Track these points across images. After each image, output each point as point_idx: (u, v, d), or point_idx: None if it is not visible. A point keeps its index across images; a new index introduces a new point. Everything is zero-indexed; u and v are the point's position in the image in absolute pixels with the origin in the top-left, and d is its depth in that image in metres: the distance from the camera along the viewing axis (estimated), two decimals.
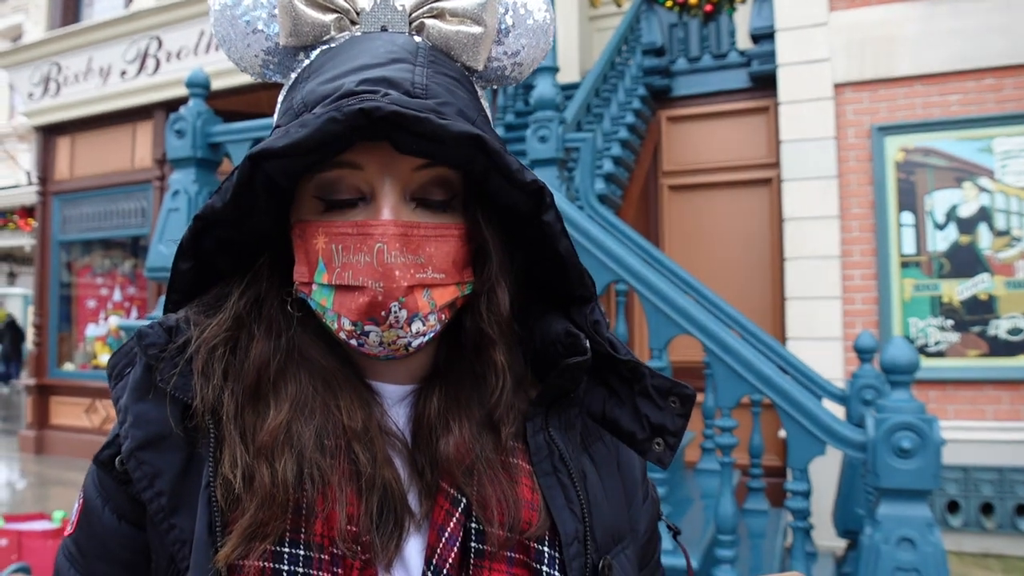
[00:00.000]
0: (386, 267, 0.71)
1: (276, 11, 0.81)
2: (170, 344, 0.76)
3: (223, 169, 4.14)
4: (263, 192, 0.73)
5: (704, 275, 6.14)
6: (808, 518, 3.10)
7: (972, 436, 5.78)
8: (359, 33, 0.80)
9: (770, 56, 6.91)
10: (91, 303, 10.44)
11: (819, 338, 6.21)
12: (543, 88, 4.64)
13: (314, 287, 0.75)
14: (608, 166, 6.13)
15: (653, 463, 0.85)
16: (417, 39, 0.80)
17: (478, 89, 0.85)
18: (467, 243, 0.78)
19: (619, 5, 7.62)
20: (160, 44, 9.24)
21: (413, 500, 0.76)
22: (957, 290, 6.02)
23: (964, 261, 6.03)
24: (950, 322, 6.01)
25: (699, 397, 4.97)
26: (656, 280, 3.25)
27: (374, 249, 0.71)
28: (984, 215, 6.01)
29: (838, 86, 6.42)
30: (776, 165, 6.93)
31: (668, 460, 0.84)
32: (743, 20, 7.68)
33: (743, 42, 7.67)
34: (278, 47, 0.83)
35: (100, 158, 10.14)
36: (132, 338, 0.78)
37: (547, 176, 4.36)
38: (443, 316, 0.76)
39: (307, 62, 0.81)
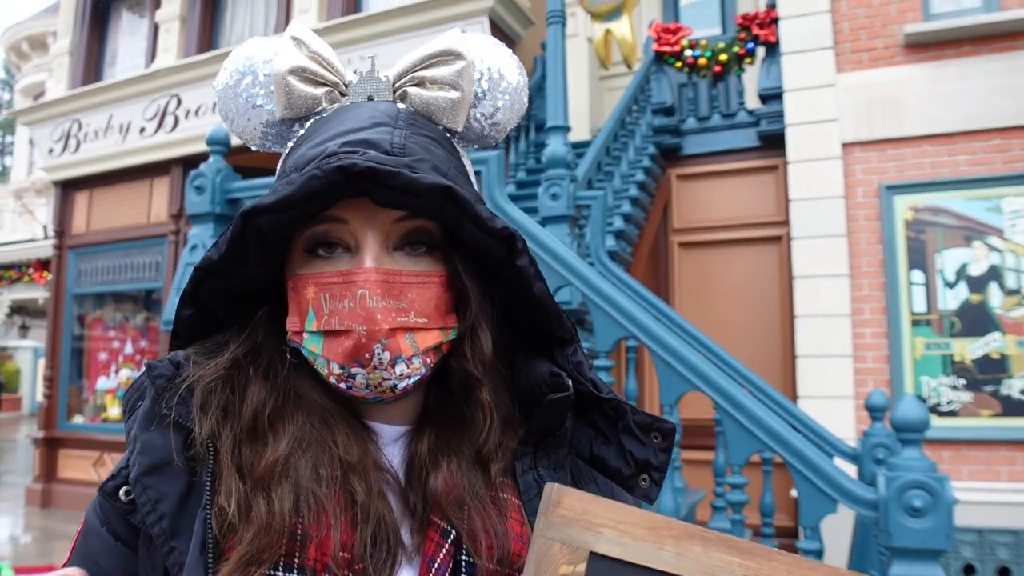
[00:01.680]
0: (368, 311, 0.76)
1: (271, 88, 0.89)
2: (176, 377, 0.81)
3: None
4: (254, 245, 0.79)
5: (714, 332, 6.14)
6: None
7: (987, 498, 5.70)
8: (347, 103, 0.88)
9: (778, 116, 7.00)
10: (102, 356, 10.47)
11: (830, 396, 6.18)
12: (555, 146, 4.71)
13: (305, 335, 0.80)
14: (618, 223, 6.18)
15: (641, 499, 0.88)
16: (400, 105, 0.88)
17: (460, 149, 0.93)
18: (448, 290, 0.83)
19: (629, 66, 7.75)
20: (179, 102, 9.42)
21: (405, 534, 0.79)
22: (969, 349, 6.00)
23: (975, 320, 6.02)
24: (962, 381, 5.98)
25: (709, 455, 4.95)
26: (667, 337, 3.27)
27: (357, 295, 0.76)
28: (994, 274, 6.01)
29: (846, 145, 6.49)
30: (786, 223, 6.97)
31: (655, 496, 0.89)
32: (751, 80, 7.80)
33: (752, 102, 7.78)
34: (275, 120, 0.90)
35: (117, 213, 10.27)
36: (141, 374, 0.83)
37: (558, 233, 4.41)
38: (428, 360, 0.81)
39: (301, 131, 0.88)
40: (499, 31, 8.16)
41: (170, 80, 9.46)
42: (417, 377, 0.81)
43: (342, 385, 0.80)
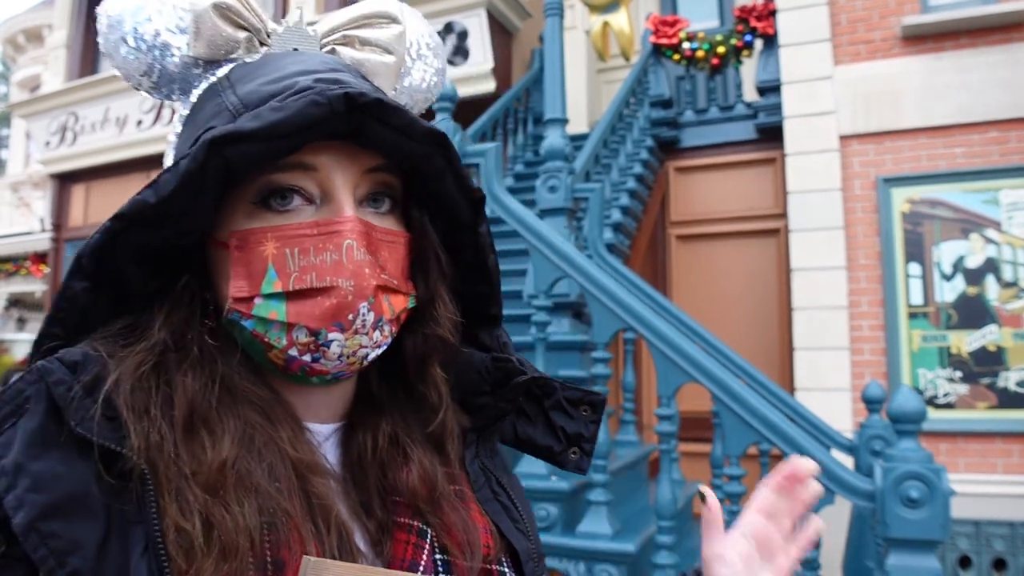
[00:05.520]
0: (356, 264, 0.66)
1: (183, 23, 0.76)
2: (75, 383, 0.61)
3: None
4: (214, 184, 0.65)
5: (712, 325, 6.15)
6: (818, 569, 3.08)
7: (983, 490, 5.72)
8: (267, 52, 0.78)
9: (776, 108, 7.00)
10: None
11: (827, 388, 6.20)
12: (553, 139, 4.71)
13: (258, 301, 0.67)
14: (616, 216, 6.18)
15: (573, 471, 0.87)
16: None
17: None
18: (409, 253, 0.75)
19: (627, 59, 7.74)
20: None
21: (359, 540, 0.69)
22: (965, 341, 6.01)
23: (972, 312, 6.03)
24: (959, 373, 5.99)
25: (706, 447, 4.97)
26: (665, 328, 3.28)
27: (343, 246, 0.66)
28: (991, 266, 6.02)
29: (844, 138, 6.49)
30: (783, 216, 6.98)
31: (586, 466, 0.87)
32: (749, 73, 7.79)
33: (749, 94, 7.77)
34: (181, 62, 0.77)
35: (114, 205, 9.99)
36: (16, 381, 0.62)
37: (556, 225, 4.41)
38: (393, 329, 0.72)
39: (215, 78, 0.75)
40: (497, 23, 8.15)
41: None
42: (384, 347, 0.72)
43: (305, 358, 0.68)
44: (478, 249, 0.80)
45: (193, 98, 0.77)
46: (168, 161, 0.79)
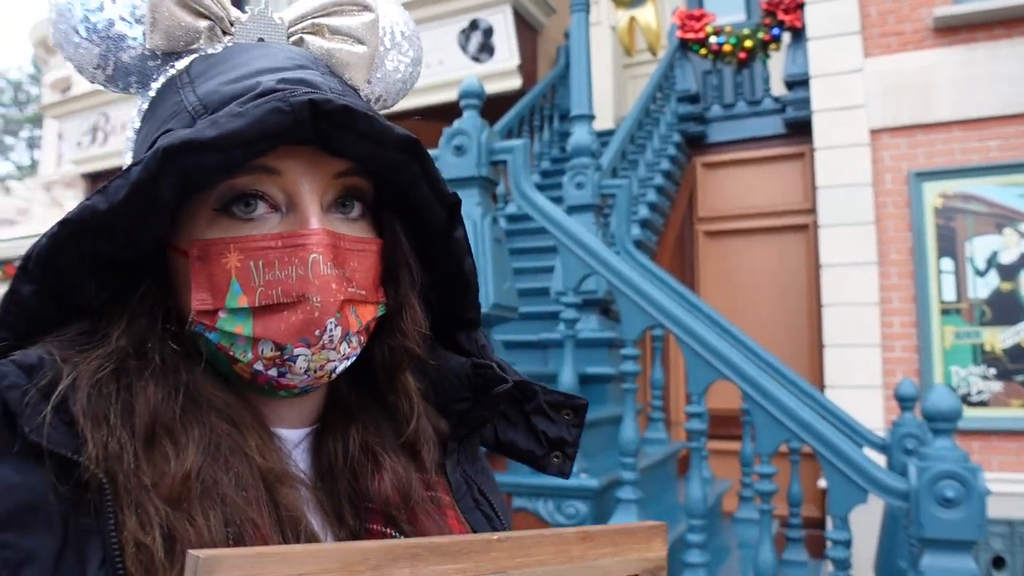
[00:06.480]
0: (323, 279, 0.64)
1: (138, 12, 0.72)
2: (30, 387, 0.58)
3: None
4: (169, 194, 0.61)
5: (740, 322, 6.10)
6: (849, 569, 3.04)
7: (1018, 489, 5.62)
8: (231, 44, 0.74)
9: (805, 102, 6.93)
10: None
11: (858, 386, 6.12)
12: (579, 135, 4.69)
13: (222, 315, 0.64)
14: (644, 212, 6.15)
15: (555, 475, 0.85)
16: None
17: None
18: (380, 260, 0.72)
19: (654, 53, 7.70)
20: None
21: None
22: (999, 338, 5.91)
23: (1006, 308, 5.93)
24: (992, 371, 5.89)
25: (735, 445, 4.93)
26: (696, 325, 3.25)
27: (308, 261, 0.64)
28: None
29: (874, 132, 6.40)
30: (813, 211, 6.90)
31: (568, 470, 0.85)
32: (777, 67, 7.72)
33: (777, 88, 7.71)
34: (138, 54, 0.73)
35: None
36: None
37: (584, 222, 4.39)
38: (362, 339, 0.70)
39: (173, 71, 0.72)
40: (522, 20, 8.13)
41: None
42: (354, 358, 0.70)
43: (271, 372, 0.66)
44: (451, 256, 0.77)
45: (152, 92, 0.73)
46: (127, 160, 0.75)
